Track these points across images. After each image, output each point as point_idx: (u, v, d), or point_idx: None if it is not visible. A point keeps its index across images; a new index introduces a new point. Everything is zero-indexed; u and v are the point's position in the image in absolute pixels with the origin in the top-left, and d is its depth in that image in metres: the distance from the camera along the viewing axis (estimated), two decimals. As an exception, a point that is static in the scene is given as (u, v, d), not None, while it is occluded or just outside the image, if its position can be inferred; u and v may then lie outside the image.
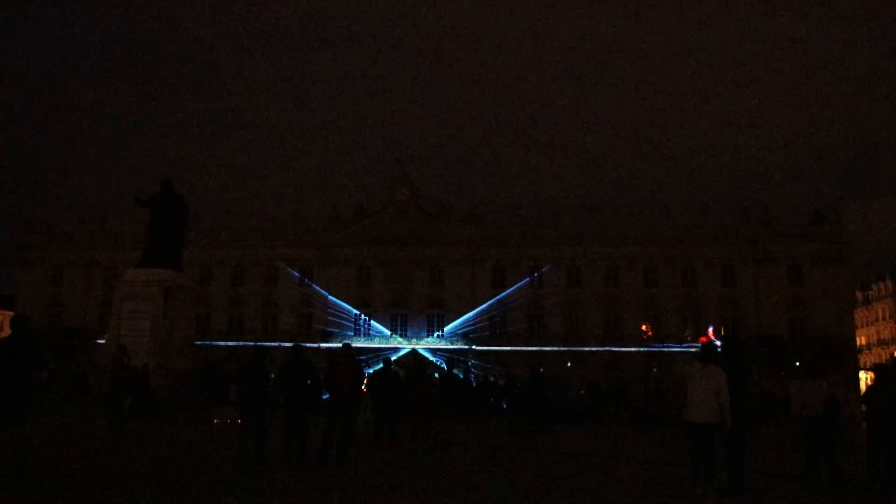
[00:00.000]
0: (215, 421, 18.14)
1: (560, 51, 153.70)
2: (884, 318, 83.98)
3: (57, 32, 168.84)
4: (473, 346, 60.00)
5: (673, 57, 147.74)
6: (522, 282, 62.45)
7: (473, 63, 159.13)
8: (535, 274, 62.53)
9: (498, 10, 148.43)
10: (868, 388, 11.75)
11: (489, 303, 62.12)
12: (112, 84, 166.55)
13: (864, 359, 73.03)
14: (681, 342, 56.24)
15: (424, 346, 60.48)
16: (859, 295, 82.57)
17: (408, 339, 61.64)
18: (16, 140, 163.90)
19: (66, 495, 8.33)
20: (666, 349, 56.79)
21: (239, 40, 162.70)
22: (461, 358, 56.96)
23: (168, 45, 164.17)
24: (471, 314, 61.62)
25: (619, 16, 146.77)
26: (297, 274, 65.01)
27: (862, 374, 62.88)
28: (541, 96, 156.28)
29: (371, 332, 62.69)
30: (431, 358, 57.62)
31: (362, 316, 63.49)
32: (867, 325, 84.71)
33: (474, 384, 29.99)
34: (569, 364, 57.92)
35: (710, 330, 55.15)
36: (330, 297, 63.38)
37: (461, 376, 31.07)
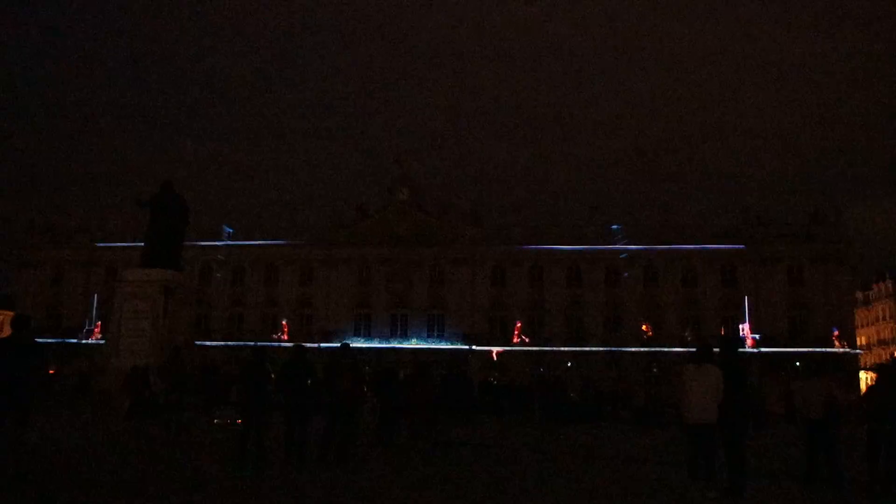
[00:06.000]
0: (216, 421, 18.12)
1: (560, 52, 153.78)
2: (884, 318, 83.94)
3: (58, 33, 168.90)
4: (473, 346, 59.99)
5: (673, 58, 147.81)
6: (522, 282, 62.50)
7: (474, 63, 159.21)
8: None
9: (498, 10, 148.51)
10: (869, 388, 11.76)
11: (489, 303, 62.24)
12: (112, 84, 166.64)
13: (864, 359, 73.00)
14: (682, 342, 56.34)
15: (424, 346, 60.41)
16: (859, 295, 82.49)
17: (408, 340, 61.62)
18: (16, 140, 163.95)
19: (66, 495, 8.32)
20: (666, 349, 56.85)
21: (238, 40, 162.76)
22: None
23: (168, 46, 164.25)
24: (471, 314, 61.64)
25: (618, 18, 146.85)
26: (297, 274, 65.05)
27: (862, 374, 62.86)
28: (541, 96, 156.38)
29: (371, 332, 62.69)
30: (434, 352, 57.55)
31: (362, 316, 63.50)
32: (867, 325, 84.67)
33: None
34: (569, 364, 57.96)
35: (836, 333, 56.06)
36: (330, 298, 63.46)
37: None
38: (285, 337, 60.45)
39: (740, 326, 56.69)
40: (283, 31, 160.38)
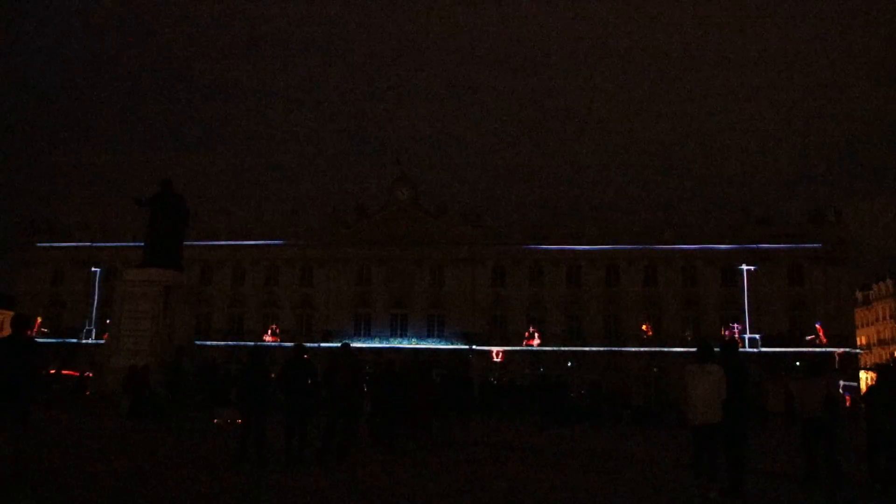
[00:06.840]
0: (216, 421, 18.13)
1: (559, 52, 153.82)
2: (884, 318, 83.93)
3: (59, 32, 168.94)
4: (473, 346, 59.97)
5: (672, 59, 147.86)
6: (522, 282, 62.47)
7: (473, 64, 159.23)
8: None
9: (498, 11, 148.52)
10: (869, 387, 11.76)
11: (489, 303, 62.22)
12: (113, 84, 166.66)
13: (864, 359, 72.99)
14: (682, 342, 56.33)
15: (424, 346, 60.37)
16: (859, 295, 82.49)
17: (408, 340, 61.58)
18: (16, 140, 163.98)
19: (66, 495, 8.32)
20: (666, 349, 56.84)
21: (239, 41, 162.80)
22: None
23: (169, 47, 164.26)
24: (471, 314, 61.63)
25: (618, 18, 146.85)
26: (297, 274, 65.01)
27: (862, 374, 62.81)
28: (540, 97, 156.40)
29: (371, 332, 62.66)
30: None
31: (362, 316, 63.47)
32: (867, 325, 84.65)
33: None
34: (569, 364, 57.95)
35: (819, 326, 55.67)
36: (330, 297, 63.43)
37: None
38: (271, 338, 60.09)
39: (734, 326, 56.65)
40: (283, 31, 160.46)
